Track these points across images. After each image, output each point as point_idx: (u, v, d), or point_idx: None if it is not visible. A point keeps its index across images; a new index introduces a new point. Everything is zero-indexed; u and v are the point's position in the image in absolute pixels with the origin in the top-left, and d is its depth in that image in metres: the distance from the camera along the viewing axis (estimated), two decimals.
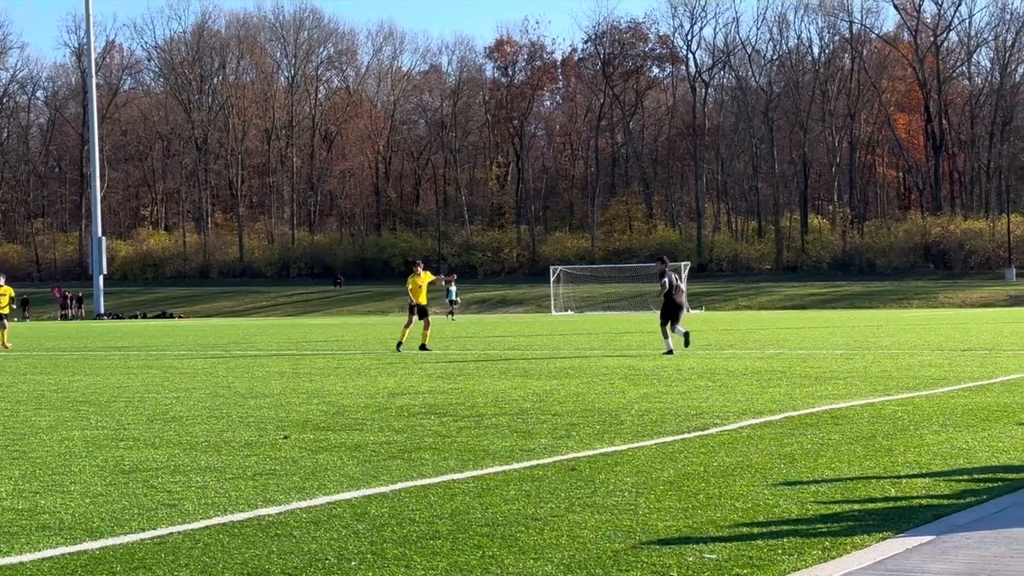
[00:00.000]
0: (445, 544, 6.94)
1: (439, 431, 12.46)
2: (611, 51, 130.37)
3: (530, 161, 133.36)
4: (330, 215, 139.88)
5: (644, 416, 13.62)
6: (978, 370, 20.32)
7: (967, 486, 8.69)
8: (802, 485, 8.77)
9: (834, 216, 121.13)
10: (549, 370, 22.17)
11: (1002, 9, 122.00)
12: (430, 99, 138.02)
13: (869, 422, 12.70)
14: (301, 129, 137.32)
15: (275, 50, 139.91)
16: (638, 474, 9.36)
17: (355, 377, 21.00)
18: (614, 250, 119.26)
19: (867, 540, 6.90)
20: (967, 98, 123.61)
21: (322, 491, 8.78)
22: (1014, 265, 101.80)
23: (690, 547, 6.78)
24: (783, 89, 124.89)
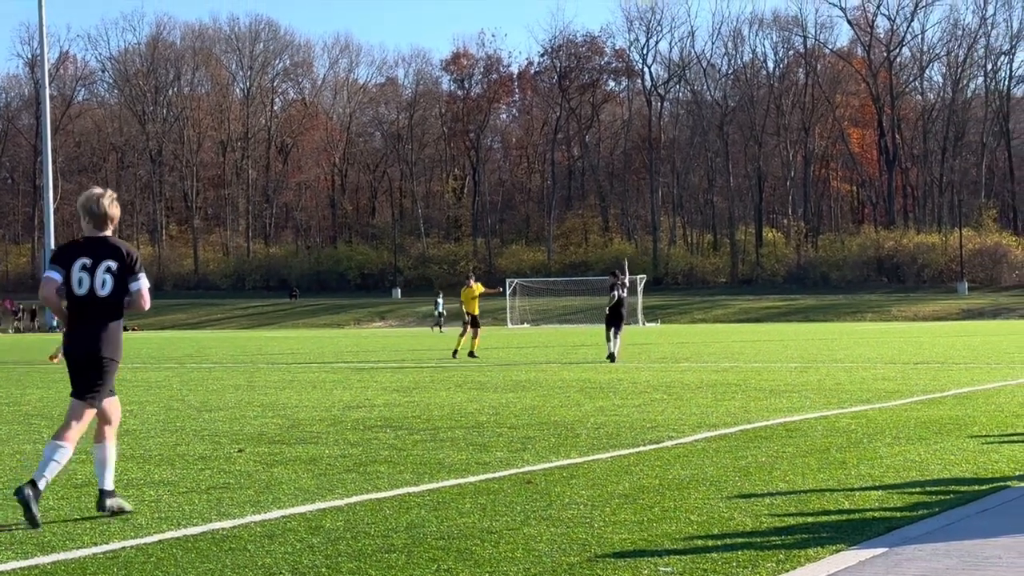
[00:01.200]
0: (400, 558, 6.92)
1: (394, 444, 12.43)
2: (567, 64, 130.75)
3: (486, 174, 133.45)
4: (286, 227, 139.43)
5: (600, 429, 13.64)
6: (931, 383, 20.46)
7: (920, 499, 8.75)
8: (757, 498, 8.81)
9: (789, 230, 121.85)
10: (505, 383, 22.16)
11: (954, 25, 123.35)
12: (386, 111, 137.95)
13: (823, 435, 12.77)
14: (257, 141, 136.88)
15: (230, 62, 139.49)
16: (594, 487, 9.37)
17: (310, 390, 20.92)
18: (570, 263, 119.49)
19: (821, 552, 6.94)
20: (920, 113, 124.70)
21: (277, 505, 8.73)
22: (966, 279, 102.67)
23: (645, 560, 6.78)
24: (738, 103, 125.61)
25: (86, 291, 8.42)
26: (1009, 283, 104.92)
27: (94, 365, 8.45)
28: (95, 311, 8.44)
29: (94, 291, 8.41)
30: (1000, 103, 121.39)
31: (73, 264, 8.44)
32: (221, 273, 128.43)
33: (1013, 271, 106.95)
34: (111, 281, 8.42)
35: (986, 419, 14.20)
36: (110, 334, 8.49)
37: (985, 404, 16.24)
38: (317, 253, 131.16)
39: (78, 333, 8.48)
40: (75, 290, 8.43)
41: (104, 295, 8.42)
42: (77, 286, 8.42)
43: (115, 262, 8.44)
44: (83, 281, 8.42)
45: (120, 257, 8.45)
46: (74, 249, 8.55)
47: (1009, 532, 7.42)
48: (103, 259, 8.43)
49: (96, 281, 8.41)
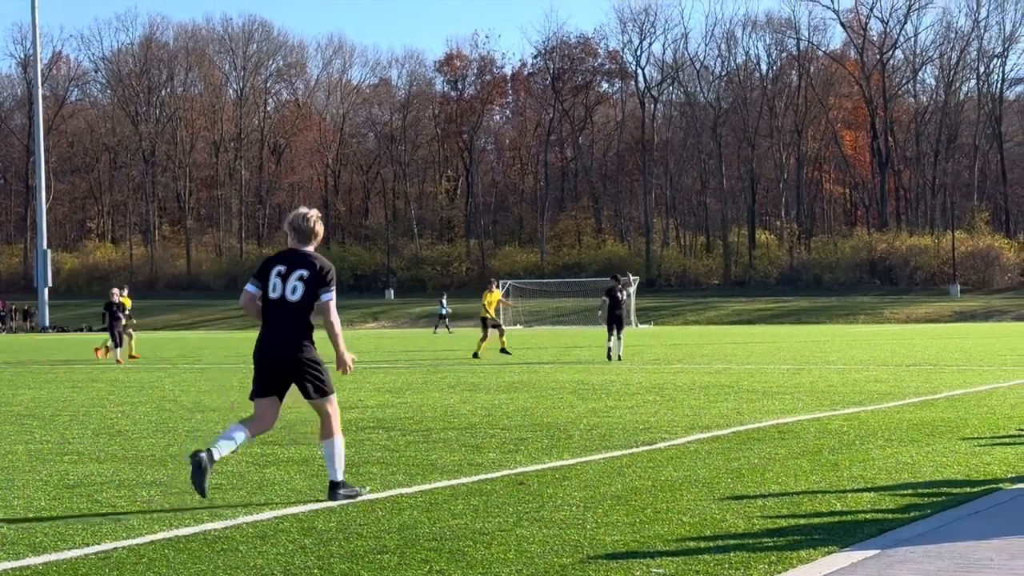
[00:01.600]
0: (392, 559, 6.92)
1: (387, 445, 12.43)
2: (561, 66, 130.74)
3: (480, 175, 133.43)
4: (278, 228, 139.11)
5: (592, 430, 13.65)
6: (923, 385, 20.49)
7: (912, 501, 8.76)
8: (749, 499, 8.81)
9: (781, 232, 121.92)
10: (498, 384, 22.16)
11: (947, 28, 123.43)
12: (379, 112, 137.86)
13: (815, 437, 12.78)
14: (250, 142, 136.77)
15: (223, 62, 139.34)
16: (586, 488, 9.37)
17: None
18: (563, 264, 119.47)
19: (813, 554, 6.94)
20: (912, 115, 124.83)
21: (269, 506, 8.73)
22: (958, 281, 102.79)
23: (638, 562, 6.79)
24: (731, 105, 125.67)
25: (278, 295, 9.12)
26: (1001, 285, 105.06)
27: (295, 368, 9.08)
28: (282, 315, 9.10)
29: (285, 296, 9.09)
30: (993, 106, 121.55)
31: (270, 272, 9.19)
32: (214, 274, 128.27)
33: (1005, 273, 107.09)
34: (302, 288, 9.07)
35: (978, 421, 14.22)
36: (295, 337, 9.08)
37: (977, 406, 16.26)
38: None
39: (269, 336, 9.17)
40: (269, 294, 9.16)
41: (293, 300, 9.07)
42: (271, 290, 9.15)
43: (308, 271, 9.10)
44: (276, 286, 9.14)
45: (313, 268, 9.13)
46: (273, 259, 9.31)
47: (1001, 534, 7.43)
48: (297, 268, 9.11)
49: (288, 287, 9.08)
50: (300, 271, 9.09)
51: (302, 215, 9.30)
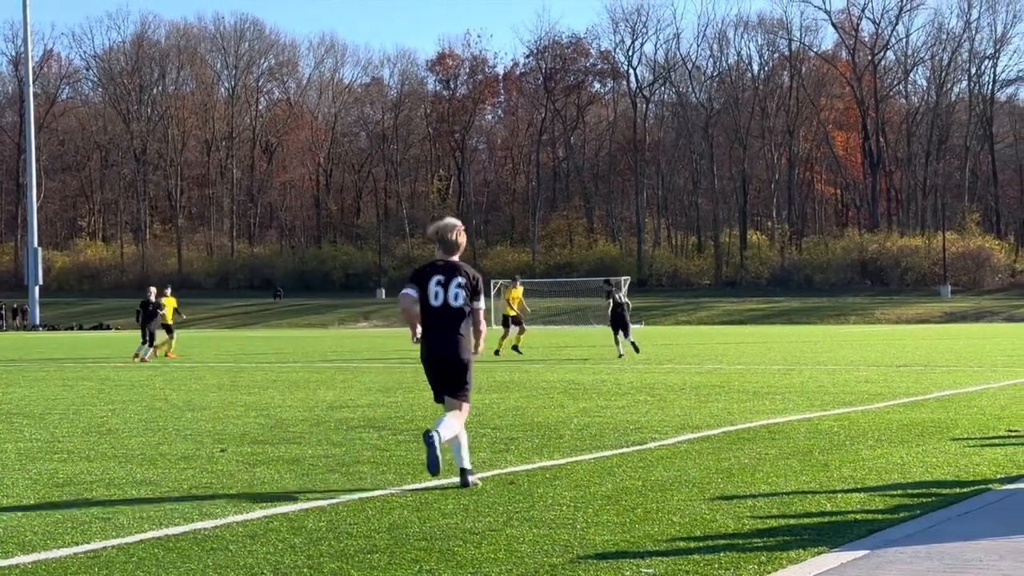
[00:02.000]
0: (383, 558, 6.91)
1: (378, 445, 12.42)
2: (553, 66, 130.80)
3: (471, 175, 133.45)
4: (270, 227, 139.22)
5: (583, 430, 13.64)
6: (913, 386, 20.51)
7: (901, 501, 8.77)
8: (739, 499, 8.82)
9: (773, 232, 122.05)
10: (488, 383, 22.15)
11: (938, 29, 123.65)
12: (371, 112, 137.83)
13: (806, 437, 12.79)
14: (241, 140, 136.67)
15: (215, 61, 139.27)
16: (576, 488, 9.37)
17: (294, 390, 20.89)
18: (555, 264, 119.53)
19: (802, 555, 6.95)
20: (904, 116, 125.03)
21: (259, 505, 8.72)
22: (949, 282, 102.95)
23: (627, 562, 6.79)
24: (723, 105, 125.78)
25: (440, 303, 9.95)
26: (992, 286, 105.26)
27: (452, 367, 9.97)
28: (447, 320, 9.94)
29: (448, 303, 9.95)
30: (984, 107, 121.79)
31: (429, 281, 10.01)
32: (205, 272, 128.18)
33: (996, 274, 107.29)
34: (463, 295, 9.96)
35: (968, 422, 14.23)
36: (461, 340, 9.95)
37: (967, 407, 16.28)
38: (301, 253, 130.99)
39: (433, 339, 10.00)
40: (431, 302, 9.95)
41: (457, 306, 9.94)
42: (433, 299, 9.96)
43: (464, 279, 10.02)
44: (438, 295, 9.96)
45: (468, 277, 10.07)
46: (429, 269, 10.13)
47: (990, 535, 7.44)
48: (454, 277, 10.00)
49: (449, 295, 9.95)
50: (458, 279, 9.99)
51: (448, 227, 10.16)
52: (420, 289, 10.03)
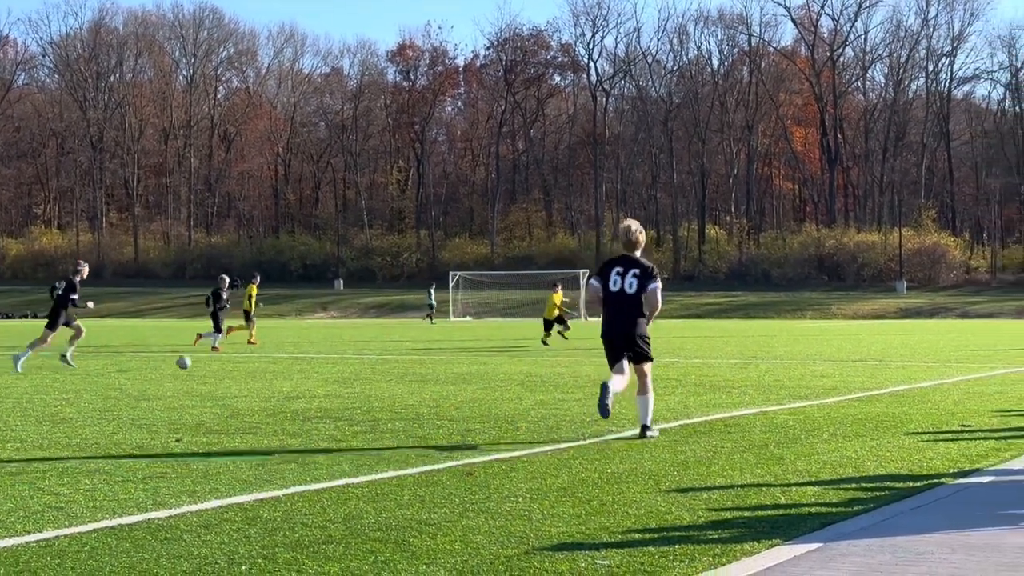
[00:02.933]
0: (338, 549, 6.90)
1: (334, 435, 12.39)
2: (513, 58, 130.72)
3: (431, 166, 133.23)
4: (228, 217, 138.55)
5: (540, 422, 13.66)
6: (868, 381, 20.65)
7: (855, 495, 8.83)
8: (694, 492, 8.85)
9: (731, 227, 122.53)
10: (446, 375, 22.15)
11: (896, 26, 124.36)
12: (331, 102, 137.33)
13: (761, 431, 12.85)
14: (199, 129, 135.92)
15: (174, 49, 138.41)
16: (533, 480, 9.38)
17: (250, 380, 20.82)
18: (513, 257, 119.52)
19: (757, 547, 6.98)
20: (862, 113, 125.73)
21: (214, 494, 8.68)
22: (905, 278, 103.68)
23: (583, 553, 6.80)
24: (682, 100, 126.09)
25: (617, 289, 12.19)
26: (947, 283, 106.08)
27: (629, 342, 12.27)
28: (624, 305, 12.20)
29: (623, 290, 12.17)
30: (940, 104, 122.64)
31: (610, 272, 12.29)
32: (161, 262, 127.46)
33: (951, 271, 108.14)
34: (636, 283, 12.15)
35: (921, 417, 14.34)
36: (637, 320, 12.25)
37: (921, 402, 16.41)
38: (259, 243, 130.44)
39: (613, 321, 12.29)
40: (610, 288, 12.22)
41: (631, 293, 12.16)
42: (612, 286, 12.22)
43: (639, 270, 12.20)
44: (616, 283, 12.21)
45: (643, 267, 12.23)
46: (611, 263, 12.45)
47: (942, 528, 7.50)
48: (631, 268, 12.22)
49: (625, 283, 12.17)
50: (634, 270, 12.19)
51: (627, 228, 12.49)
52: (602, 279, 12.31)
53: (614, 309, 12.25)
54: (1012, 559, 6.66)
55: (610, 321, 12.29)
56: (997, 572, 6.37)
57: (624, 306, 12.19)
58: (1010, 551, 6.87)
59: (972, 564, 6.54)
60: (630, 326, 12.22)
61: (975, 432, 12.81)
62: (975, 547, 6.97)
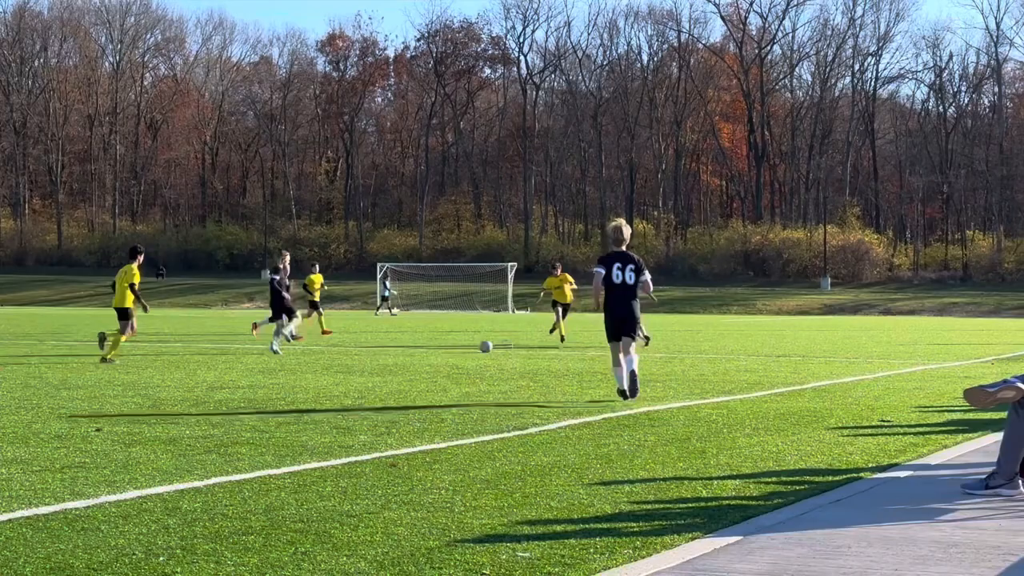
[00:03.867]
0: (258, 540, 6.86)
1: (257, 426, 12.32)
2: (444, 50, 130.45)
3: (360, 157, 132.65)
4: (154, 205, 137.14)
5: (465, 415, 13.67)
6: (791, 376, 20.85)
7: (775, 488, 8.91)
8: (617, 485, 8.89)
9: (659, 222, 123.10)
10: (372, 367, 22.10)
11: (824, 25, 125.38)
12: (260, 91, 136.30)
13: (685, 424, 12.94)
14: (126, 116, 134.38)
15: (100, 35, 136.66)
16: (456, 472, 9.38)
17: (173, 370, 20.64)
18: (442, 249, 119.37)
19: (677, 540, 7.02)
20: (789, 110, 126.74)
21: (133, 485, 8.60)
22: (829, 275, 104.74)
23: (504, 545, 6.81)
24: (612, 95, 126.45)
25: (620, 281, 15.38)
26: (870, 279, 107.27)
27: (627, 324, 15.46)
28: (625, 294, 15.40)
29: (625, 282, 15.38)
30: (866, 103, 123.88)
31: (612, 266, 15.41)
32: (86, 249, 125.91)
33: (874, 268, 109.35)
34: (633, 276, 15.39)
35: (842, 412, 14.51)
36: (634, 307, 15.52)
37: (842, 397, 16.59)
38: (185, 232, 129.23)
39: (615, 307, 15.44)
40: (614, 280, 15.39)
41: (631, 284, 15.40)
42: (615, 278, 15.39)
43: (633, 265, 15.45)
44: (619, 275, 15.38)
45: (635, 262, 15.51)
46: (611, 257, 15.52)
47: (859, 522, 7.59)
48: (628, 263, 15.42)
49: (626, 276, 15.37)
50: (630, 265, 15.40)
51: (620, 228, 15.72)
52: (605, 269, 15.36)
53: (618, 297, 15.39)
54: (927, 552, 6.76)
55: (613, 306, 15.43)
56: (912, 565, 6.45)
57: (626, 294, 15.38)
58: (925, 545, 6.96)
59: (888, 557, 6.63)
60: (629, 310, 15.44)
61: (894, 427, 12.97)
62: (891, 540, 7.06)
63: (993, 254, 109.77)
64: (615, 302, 15.40)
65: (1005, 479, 8.56)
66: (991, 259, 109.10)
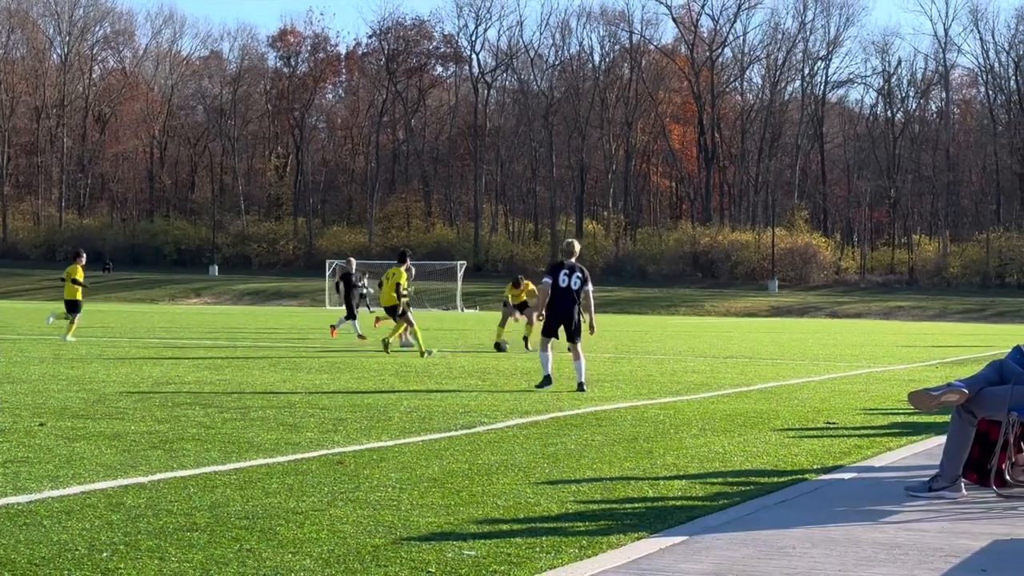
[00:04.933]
0: (202, 536, 6.81)
1: (203, 422, 12.24)
2: (395, 47, 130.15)
3: (310, 153, 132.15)
4: (101, 199, 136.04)
5: (413, 413, 13.64)
6: (738, 377, 20.96)
7: (721, 489, 8.95)
8: (563, 484, 8.90)
9: (608, 222, 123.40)
10: (320, 364, 22.02)
11: (774, 28, 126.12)
12: (209, 85, 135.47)
13: (632, 424, 12.97)
14: (73, 109, 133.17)
15: (48, 26, 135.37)
16: (403, 470, 9.36)
17: (119, 365, 20.48)
18: (392, 247, 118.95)
19: (623, 539, 7.04)
20: (739, 113, 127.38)
21: (76, 480, 8.52)
22: (777, 277, 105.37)
23: (450, 544, 6.80)
24: (563, 95, 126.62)
25: (566, 286, 17.38)
26: (817, 282, 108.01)
27: (569, 324, 17.40)
28: (569, 298, 17.41)
29: (569, 287, 17.39)
30: (815, 107, 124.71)
31: (559, 272, 17.48)
32: (31, 243, 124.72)
33: (821, 271, 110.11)
34: (579, 283, 17.45)
35: (788, 413, 14.59)
36: (575, 308, 17.44)
37: (788, 399, 16.69)
38: (133, 226, 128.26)
39: (559, 305, 17.41)
40: (560, 284, 17.40)
41: (575, 288, 17.43)
42: (562, 282, 17.40)
43: (580, 274, 17.55)
44: (564, 281, 17.39)
45: (582, 272, 17.66)
46: (560, 266, 17.60)
47: (804, 523, 7.64)
48: (574, 272, 17.51)
49: (571, 281, 17.41)
50: (577, 274, 17.50)
51: (572, 244, 18.02)
52: (552, 277, 17.46)
53: (562, 298, 17.36)
54: (870, 554, 6.81)
55: (556, 305, 17.40)
56: (856, 567, 6.50)
57: (568, 297, 17.38)
58: (869, 546, 7.02)
59: (832, 558, 6.67)
60: (570, 312, 17.39)
61: (839, 429, 13.07)
62: (835, 542, 7.11)
63: (939, 258, 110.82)
64: (559, 301, 17.34)
65: (948, 481, 8.64)
66: (937, 263, 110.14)
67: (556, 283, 17.33)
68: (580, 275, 17.47)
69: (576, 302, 17.42)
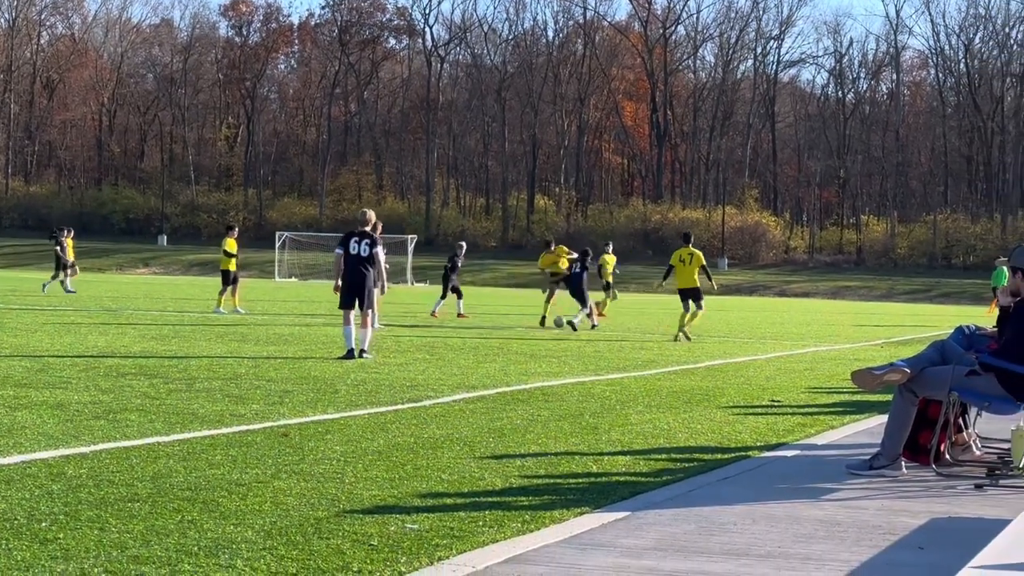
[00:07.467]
0: (143, 507, 6.78)
1: (148, 393, 12.18)
2: (348, 19, 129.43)
3: (261, 124, 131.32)
4: (48, 166, 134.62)
5: (359, 386, 13.63)
6: (685, 355, 21.06)
7: (665, 465, 9.00)
8: (508, 459, 8.92)
9: (560, 198, 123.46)
10: (267, 336, 21.95)
11: (728, 7, 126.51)
12: (160, 53, 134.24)
13: (578, 400, 13.02)
14: (21, 75, 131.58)
15: None
16: (348, 443, 9.35)
17: (64, 334, 20.33)
18: (342, 219, 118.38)
19: (566, 514, 7.07)
20: (691, 91, 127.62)
21: (17, 449, 8.46)
22: (727, 255, 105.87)
23: (393, 517, 6.80)
24: (517, 69, 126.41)
25: (355, 253, 17.64)
26: (767, 261, 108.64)
27: (360, 292, 17.48)
28: (360, 264, 17.64)
29: (359, 253, 17.65)
30: (767, 86, 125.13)
31: (350, 241, 17.75)
32: None
33: (770, 250, 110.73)
34: (368, 248, 17.67)
35: (734, 391, 14.69)
36: (368, 276, 17.62)
37: (735, 376, 16.80)
38: (81, 194, 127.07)
39: (352, 276, 17.57)
40: (351, 252, 17.66)
41: (365, 256, 17.68)
42: (352, 250, 17.65)
43: (368, 240, 17.74)
44: (354, 248, 17.65)
45: (371, 238, 17.82)
46: (351, 234, 17.94)
47: (746, 500, 7.70)
48: (364, 238, 17.74)
49: (361, 248, 17.65)
50: (365, 240, 17.71)
51: (366, 214, 18.33)
52: (344, 245, 17.70)
53: (352, 266, 17.60)
54: (810, 531, 6.87)
55: (350, 276, 17.57)
56: (795, 543, 6.55)
57: (359, 264, 17.61)
58: (808, 523, 7.08)
59: (772, 535, 6.73)
60: (362, 279, 17.55)
61: (784, 407, 13.17)
62: (776, 518, 7.17)
63: (886, 239, 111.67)
64: (351, 270, 17.64)
65: (889, 460, 8.72)
66: (884, 244, 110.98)
67: (347, 251, 17.63)
68: (368, 241, 17.70)
69: (368, 271, 17.62)
